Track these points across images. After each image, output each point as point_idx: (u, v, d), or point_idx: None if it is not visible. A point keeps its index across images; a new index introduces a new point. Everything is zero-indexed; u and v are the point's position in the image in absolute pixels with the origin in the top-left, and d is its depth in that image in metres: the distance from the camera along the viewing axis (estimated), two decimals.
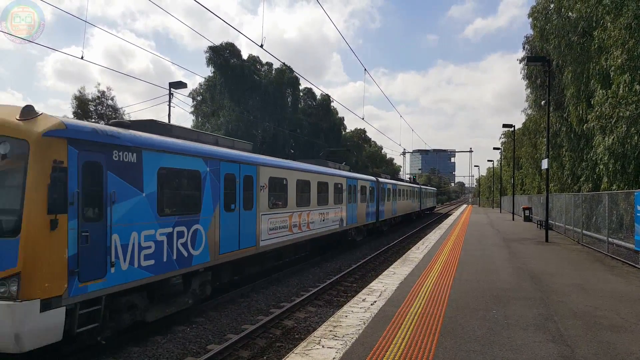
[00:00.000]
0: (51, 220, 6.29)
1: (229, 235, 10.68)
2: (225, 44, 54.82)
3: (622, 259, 13.58)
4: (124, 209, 7.60)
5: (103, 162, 7.26)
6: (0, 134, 6.39)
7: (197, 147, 9.93)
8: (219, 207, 10.28)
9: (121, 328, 8.02)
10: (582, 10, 20.24)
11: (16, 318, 5.95)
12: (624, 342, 6.05)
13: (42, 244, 6.24)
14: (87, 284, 6.84)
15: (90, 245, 6.89)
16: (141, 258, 7.93)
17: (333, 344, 5.96)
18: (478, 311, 7.58)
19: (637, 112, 15.74)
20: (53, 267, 6.33)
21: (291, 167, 14.99)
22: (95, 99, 40.11)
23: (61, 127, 6.66)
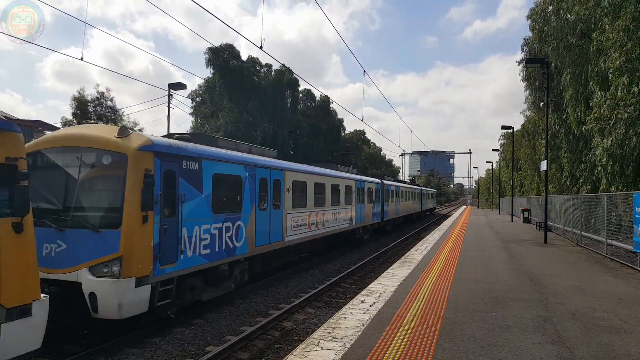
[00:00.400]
0: (143, 216, 7.98)
1: (262, 231, 12.43)
2: (224, 45, 54.86)
3: (621, 260, 13.59)
4: (190, 207, 9.30)
5: (176, 170, 9.00)
6: (104, 148, 8.14)
7: (239, 155, 11.83)
8: (255, 207, 12.04)
9: (185, 305, 9.54)
10: (581, 12, 20.30)
11: (118, 292, 7.54)
12: (622, 344, 6.05)
13: (136, 234, 7.90)
14: (165, 267, 8.53)
15: (168, 236, 8.59)
16: (200, 247, 9.62)
17: (332, 345, 5.96)
18: (477, 312, 7.58)
19: (636, 114, 15.77)
20: (144, 253, 8.02)
21: (310, 172, 16.66)
22: (95, 100, 40.11)
23: (149, 143, 8.44)
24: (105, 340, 8.12)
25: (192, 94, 58.22)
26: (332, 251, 20.15)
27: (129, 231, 7.81)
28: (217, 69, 54.03)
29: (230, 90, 53.71)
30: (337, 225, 19.45)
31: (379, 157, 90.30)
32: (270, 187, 12.99)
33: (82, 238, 7.81)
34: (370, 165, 75.70)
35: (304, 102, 66.36)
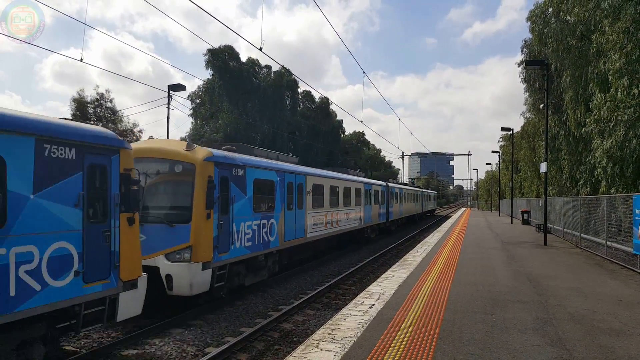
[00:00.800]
0: (207, 214, 9.89)
1: (289, 228, 14.35)
2: (224, 46, 54.91)
3: (621, 262, 13.58)
4: (238, 207, 11.23)
5: (229, 176, 10.94)
6: (176, 159, 10.14)
7: (272, 163, 13.86)
8: (284, 207, 14.01)
9: (232, 287, 11.42)
10: (581, 14, 20.31)
11: (190, 274, 9.44)
12: (622, 346, 6.04)
13: (202, 228, 9.80)
14: (221, 255, 10.42)
15: (223, 230, 10.50)
16: (245, 241, 11.57)
17: (331, 347, 5.95)
18: (476, 314, 7.57)
19: (635, 116, 15.77)
20: (207, 243, 9.90)
21: (326, 176, 18.55)
22: (94, 101, 40.12)
23: (210, 154, 10.37)
24: (105, 341, 8.11)
25: (191, 96, 58.27)
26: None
27: (197, 226, 9.78)
28: (216, 70, 54.06)
29: (230, 91, 53.74)
30: (348, 224, 21.20)
31: (378, 159, 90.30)
32: (295, 190, 14.93)
33: (159, 231, 9.67)
34: (370, 167, 75.67)
35: (303, 103, 66.40)
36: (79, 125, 7.00)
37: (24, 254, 5.71)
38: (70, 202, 6.37)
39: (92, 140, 6.84)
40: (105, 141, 7.08)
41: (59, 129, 6.33)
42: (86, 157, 6.66)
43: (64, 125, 6.57)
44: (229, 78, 53.55)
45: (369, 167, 75.60)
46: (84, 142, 6.62)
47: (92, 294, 6.70)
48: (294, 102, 62.99)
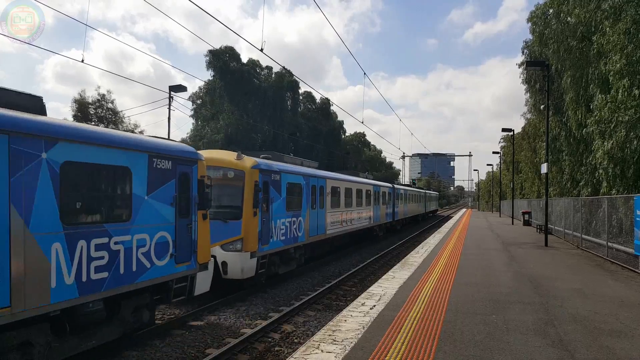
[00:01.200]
0: (254, 212, 12.01)
1: (313, 225, 16.40)
2: (225, 47, 54.95)
3: (622, 263, 13.56)
4: (275, 206, 13.25)
5: (269, 181, 12.99)
6: (229, 167, 12.31)
7: (300, 168, 16.19)
8: (309, 207, 16.00)
9: (269, 274, 13.32)
10: (581, 15, 20.30)
11: (241, 261, 11.63)
12: (624, 347, 6.03)
13: (250, 224, 11.92)
14: (263, 246, 12.47)
15: (265, 226, 12.54)
16: (280, 235, 13.61)
17: (332, 348, 5.94)
18: (477, 315, 7.56)
19: (636, 117, 15.76)
20: (254, 236, 11.99)
21: (342, 179, 20.53)
22: (95, 102, 40.18)
23: (256, 163, 12.57)
24: (105, 342, 8.10)
25: (192, 96, 58.31)
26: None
27: (246, 222, 11.90)
28: (217, 71, 54.11)
29: (231, 92, 53.78)
30: (360, 223, 23.06)
31: (379, 160, 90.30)
32: (317, 192, 16.92)
33: (216, 226, 11.02)
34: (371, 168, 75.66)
35: (304, 104, 66.44)
36: (173, 143, 9.28)
37: (141, 240, 7.67)
38: (168, 202, 8.38)
39: (181, 154, 8.87)
40: (189, 155, 9.14)
41: (161, 147, 8.39)
42: (178, 167, 8.65)
43: (164, 143, 8.70)
44: (230, 79, 53.58)
45: (369, 167, 75.58)
46: (176, 156, 8.65)
47: (180, 272, 8.73)
48: (294, 103, 63.03)
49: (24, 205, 5.78)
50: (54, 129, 6.33)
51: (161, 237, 8.14)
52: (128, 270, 7.36)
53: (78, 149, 6.64)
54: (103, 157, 7.07)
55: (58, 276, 6.21)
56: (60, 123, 6.91)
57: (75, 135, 6.65)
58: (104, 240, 6.98)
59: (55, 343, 6.53)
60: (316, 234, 16.75)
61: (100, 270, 6.90)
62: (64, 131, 6.51)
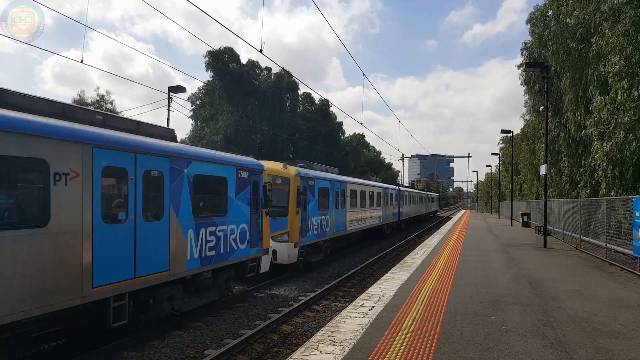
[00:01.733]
0: (296, 211, 14.88)
1: (337, 223, 19.26)
2: (224, 48, 54.92)
3: (621, 265, 13.58)
4: (310, 207, 16.17)
5: (306, 186, 15.87)
6: (278, 175, 15.01)
7: (327, 175, 19.17)
8: (334, 207, 18.86)
9: (305, 262, 16.32)
10: (580, 16, 20.34)
11: (288, 249, 14.50)
12: (622, 349, 6.03)
13: (294, 220, 14.77)
14: (302, 239, 15.36)
15: (304, 222, 15.45)
16: (313, 230, 16.51)
17: (331, 349, 5.94)
18: (476, 317, 7.56)
19: (635, 119, 15.78)
20: (296, 230, 14.87)
21: (359, 183, 23.66)
22: (95, 103, 40.19)
23: (297, 171, 15.51)
24: (105, 343, 8.10)
25: (191, 97, 58.23)
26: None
27: (291, 219, 14.86)
28: (216, 72, 54.07)
29: (230, 93, 53.74)
30: (372, 222, 25.81)
31: (378, 161, 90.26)
32: (340, 195, 19.75)
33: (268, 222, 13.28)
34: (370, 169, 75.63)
35: (303, 105, 66.40)
36: (250, 159, 12.24)
37: (232, 229, 10.70)
38: (246, 202, 11.38)
39: (253, 167, 11.96)
40: (258, 167, 12.25)
41: (242, 162, 11.51)
42: (252, 176, 11.68)
43: (244, 159, 11.80)
44: (229, 80, 53.55)
45: (368, 169, 75.55)
46: (251, 168, 11.76)
47: (253, 255, 11.74)
48: (294, 104, 63.01)
49: (176, 204, 8.76)
50: (190, 153, 9.56)
51: (242, 227, 11.21)
52: (225, 250, 10.44)
53: (201, 166, 9.70)
54: (213, 171, 10.24)
55: (190, 252, 9.19)
56: (192, 148, 10.85)
57: (200, 157, 9.83)
58: (212, 229, 9.98)
59: (185, 299, 9.56)
60: (339, 230, 19.72)
61: (210, 249, 9.90)
62: (194, 154, 9.75)
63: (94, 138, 7.05)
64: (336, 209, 19.11)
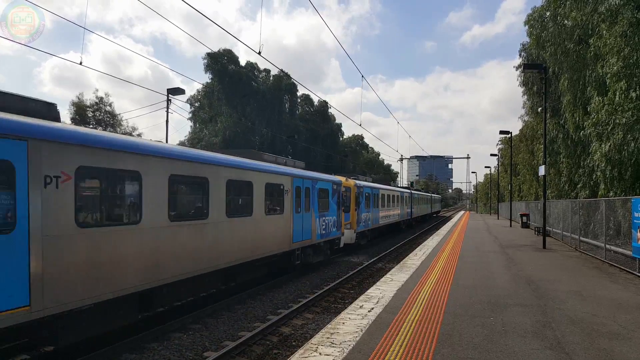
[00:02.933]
0: (354, 209, 22.62)
1: (374, 218, 26.73)
2: (223, 50, 54.96)
3: (620, 265, 13.57)
4: (361, 206, 23.53)
5: (360, 192, 23.53)
6: (344, 185, 21.20)
7: (369, 184, 26.62)
8: (372, 206, 26.07)
9: (359, 244, 23.95)
10: (578, 18, 20.38)
11: (351, 234, 22.19)
12: (622, 350, 6.03)
13: (354, 215, 22.49)
14: (357, 227, 22.84)
15: (358, 217, 22.95)
16: (363, 222, 23.96)
17: (330, 351, 5.93)
18: (475, 318, 7.56)
19: (633, 119, 15.81)
20: (355, 222, 22.58)
21: (386, 189, 31.19)
22: (94, 105, 40.14)
23: (355, 183, 23.21)
24: (104, 346, 8.08)
25: (190, 99, 58.23)
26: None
27: (352, 214, 22.13)
28: (215, 74, 54.11)
29: (229, 95, 53.76)
30: (394, 218, 33.62)
31: (377, 162, 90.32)
32: (371, 198, 26.17)
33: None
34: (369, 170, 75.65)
35: (302, 107, 66.41)
36: (337, 178, 19.94)
37: (330, 219, 18.03)
38: (335, 203, 18.46)
39: (338, 182, 19.33)
40: (339, 182, 19.47)
41: (335, 179, 19.13)
42: (338, 188, 18.95)
43: (335, 178, 19.51)
44: (228, 82, 53.58)
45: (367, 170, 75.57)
46: (337, 182, 19.07)
47: (338, 235, 19.03)
48: (292, 106, 63.03)
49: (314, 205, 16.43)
50: (317, 177, 17.16)
51: (334, 219, 18.48)
52: (327, 231, 17.72)
53: (322, 184, 17.31)
54: (325, 186, 17.57)
55: (317, 231, 16.68)
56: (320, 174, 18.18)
57: (320, 179, 17.40)
58: (324, 219, 17.29)
59: (313, 255, 16.83)
60: (375, 224, 27.24)
61: (323, 230, 17.21)
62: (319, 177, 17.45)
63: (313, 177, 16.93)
64: (374, 207, 26.76)
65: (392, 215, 32.34)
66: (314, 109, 66.73)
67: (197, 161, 10.02)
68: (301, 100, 65.59)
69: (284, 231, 14.10)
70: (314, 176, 16.63)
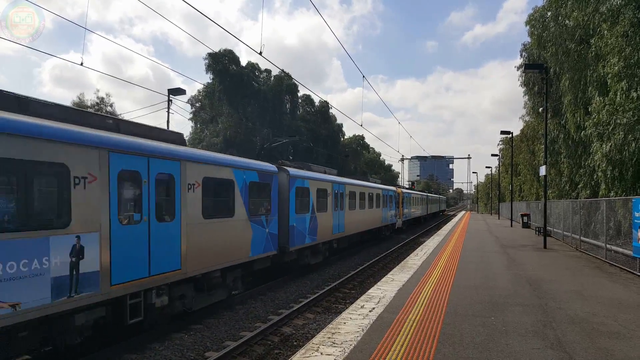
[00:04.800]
0: (402, 206, 36.80)
1: (408, 213, 39.99)
2: (224, 50, 54.97)
3: (620, 265, 13.58)
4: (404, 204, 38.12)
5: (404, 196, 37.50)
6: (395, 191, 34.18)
7: (407, 190, 44.32)
8: (404, 208, 37.17)
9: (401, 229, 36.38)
10: (579, 18, 20.38)
11: (400, 222, 35.67)
12: (622, 349, 6.05)
13: (400, 210, 35.98)
14: (402, 218, 36.65)
15: (403, 211, 36.72)
16: (405, 215, 38.53)
17: (331, 351, 5.95)
18: (476, 318, 7.57)
19: (634, 119, 15.81)
20: (401, 214, 36.61)
21: (415, 192, 49.05)
22: (95, 105, 40.21)
23: (402, 191, 37.77)
24: (105, 346, 8.11)
25: (191, 100, 58.24)
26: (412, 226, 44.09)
27: (399, 209, 35.29)
28: (216, 74, 54.09)
29: (230, 95, 53.76)
30: (419, 213, 47.69)
31: (378, 162, 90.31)
32: (409, 198, 39.59)
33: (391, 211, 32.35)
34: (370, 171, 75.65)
35: (303, 107, 66.40)
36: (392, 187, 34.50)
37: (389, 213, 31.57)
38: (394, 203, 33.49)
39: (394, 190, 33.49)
40: (394, 190, 33.57)
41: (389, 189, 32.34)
42: (395, 194, 33.33)
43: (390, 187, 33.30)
44: (229, 82, 53.58)
45: (368, 170, 75.56)
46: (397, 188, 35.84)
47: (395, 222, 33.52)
48: (293, 106, 63.01)
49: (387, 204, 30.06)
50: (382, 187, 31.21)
51: (394, 212, 32.43)
52: (385, 219, 29.61)
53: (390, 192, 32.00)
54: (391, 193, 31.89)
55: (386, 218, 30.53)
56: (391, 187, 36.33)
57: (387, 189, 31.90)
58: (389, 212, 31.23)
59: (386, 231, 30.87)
60: (409, 217, 40.13)
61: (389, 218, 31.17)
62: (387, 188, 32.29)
63: None
64: (408, 205, 38.81)
65: (417, 211, 47.27)
66: (315, 109, 66.72)
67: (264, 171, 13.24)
68: (302, 100, 65.58)
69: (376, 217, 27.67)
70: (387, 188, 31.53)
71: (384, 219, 29.29)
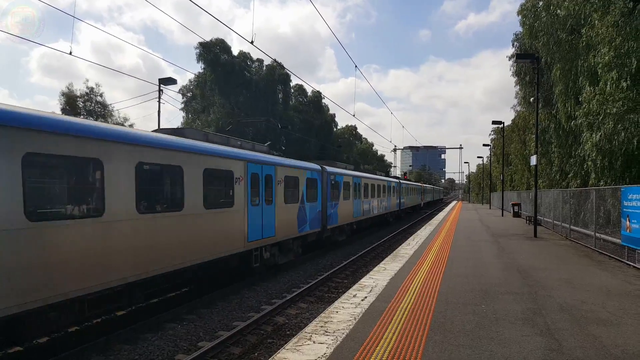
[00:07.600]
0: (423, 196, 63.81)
1: (408, 202, 46.66)
2: (215, 40, 54.49)
3: (609, 253, 13.76)
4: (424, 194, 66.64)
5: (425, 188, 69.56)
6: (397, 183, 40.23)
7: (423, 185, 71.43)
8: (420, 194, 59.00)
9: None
10: (570, 7, 20.42)
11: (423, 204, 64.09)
12: (610, 335, 6.15)
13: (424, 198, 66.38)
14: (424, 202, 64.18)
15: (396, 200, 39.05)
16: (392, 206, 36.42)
17: (324, 339, 6.00)
18: (467, 306, 7.65)
19: (624, 109, 15.94)
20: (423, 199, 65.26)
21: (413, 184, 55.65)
22: (84, 95, 39.76)
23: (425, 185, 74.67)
24: (99, 337, 8.11)
25: (182, 89, 57.81)
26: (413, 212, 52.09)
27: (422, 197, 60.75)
28: (208, 64, 53.69)
29: (221, 85, 53.42)
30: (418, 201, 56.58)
31: (370, 153, 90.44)
32: (423, 190, 61.51)
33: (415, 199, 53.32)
34: (362, 161, 75.73)
35: (295, 97, 66.15)
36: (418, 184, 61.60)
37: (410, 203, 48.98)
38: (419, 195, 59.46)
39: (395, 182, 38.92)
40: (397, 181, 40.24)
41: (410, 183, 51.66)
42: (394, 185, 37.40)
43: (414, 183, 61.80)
44: (221, 71, 53.22)
45: (361, 160, 75.63)
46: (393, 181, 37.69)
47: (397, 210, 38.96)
48: (286, 96, 62.79)
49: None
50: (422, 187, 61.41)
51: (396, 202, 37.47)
52: (390, 207, 34.89)
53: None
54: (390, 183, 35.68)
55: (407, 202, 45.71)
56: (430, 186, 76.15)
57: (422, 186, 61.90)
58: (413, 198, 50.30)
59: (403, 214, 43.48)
60: (411, 205, 48.01)
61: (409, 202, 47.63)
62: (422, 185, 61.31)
63: None
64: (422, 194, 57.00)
65: (420, 199, 57.09)
66: (308, 99, 66.54)
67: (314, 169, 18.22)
68: (295, 90, 65.35)
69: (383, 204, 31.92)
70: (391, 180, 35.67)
71: (389, 206, 34.03)
